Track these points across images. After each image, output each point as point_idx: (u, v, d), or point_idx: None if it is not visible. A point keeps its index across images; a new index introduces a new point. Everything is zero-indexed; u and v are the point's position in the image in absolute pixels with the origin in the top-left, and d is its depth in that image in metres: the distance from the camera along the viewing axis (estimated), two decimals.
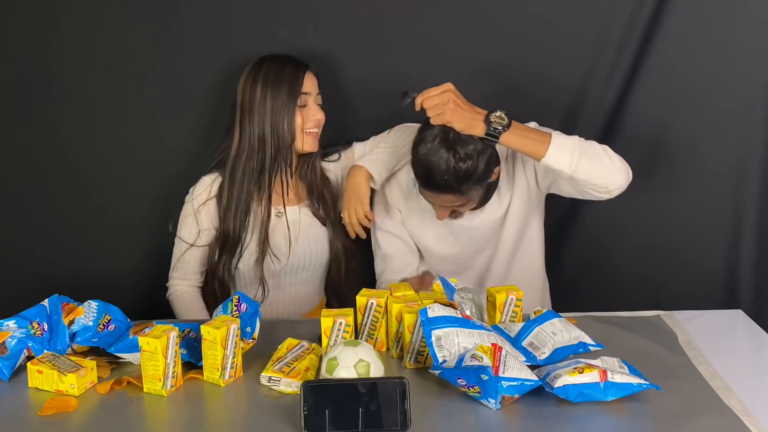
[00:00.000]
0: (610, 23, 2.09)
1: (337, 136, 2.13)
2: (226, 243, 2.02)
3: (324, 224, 2.09)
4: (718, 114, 2.14)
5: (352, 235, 2.04)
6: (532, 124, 2.00)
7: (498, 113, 1.77)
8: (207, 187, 2.02)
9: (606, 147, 1.83)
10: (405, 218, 2.10)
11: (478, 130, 1.77)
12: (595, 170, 1.78)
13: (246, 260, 2.04)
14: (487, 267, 2.09)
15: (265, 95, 1.95)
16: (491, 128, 1.76)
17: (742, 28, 2.09)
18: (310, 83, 1.99)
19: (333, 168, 2.13)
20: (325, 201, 2.09)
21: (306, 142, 2.00)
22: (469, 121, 1.76)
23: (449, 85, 1.77)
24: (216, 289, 2.08)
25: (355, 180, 2.02)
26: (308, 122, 1.98)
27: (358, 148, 2.13)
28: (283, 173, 2.00)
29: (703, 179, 2.19)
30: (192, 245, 2.04)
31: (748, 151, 2.16)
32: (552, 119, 2.16)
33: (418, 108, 1.77)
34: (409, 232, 2.11)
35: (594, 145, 1.82)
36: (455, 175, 1.78)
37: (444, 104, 1.75)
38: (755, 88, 2.11)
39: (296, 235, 2.05)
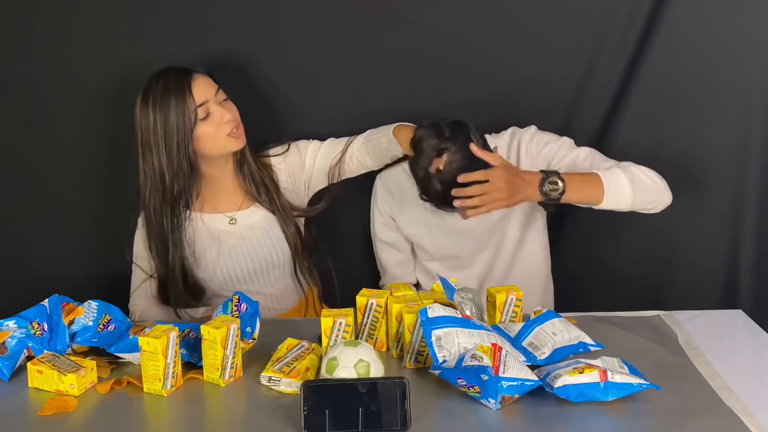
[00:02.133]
0: (609, 21, 2.09)
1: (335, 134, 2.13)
2: (167, 278, 1.99)
3: (281, 216, 2.04)
4: (717, 115, 2.14)
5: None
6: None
7: (550, 180, 1.77)
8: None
9: (644, 169, 1.86)
10: (400, 224, 2.09)
11: (535, 198, 1.79)
12: (649, 198, 1.86)
13: (207, 273, 2.02)
14: (488, 268, 2.09)
15: (156, 122, 1.85)
16: (548, 198, 1.78)
17: (741, 28, 2.09)
18: (203, 89, 1.87)
19: (281, 162, 2.07)
20: (270, 192, 2.03)
21: (231, 144, 1.92)
22: (520, 197, 1.78)
23: (493, 176, 1.74)
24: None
25: (408, 126, 1.94)
26: (224, 128, 1.89)
27: (312, 144, 2.08)
28: (191, 198, 1.95)
29: (702, 180, 2.19)
30: (152, 276, 2.01)
31: (748, 152, 2.15)
32: (551, 120, 2.17)
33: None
34: (406, 235, 2.11)
35: (637, 173, 1.84)
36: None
37: (484, 196, 1.75)
38: (755, 88, 2.11)
39: (257, 237, 2.03)
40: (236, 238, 2.02)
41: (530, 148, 1.99)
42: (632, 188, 1.82)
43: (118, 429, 1.42)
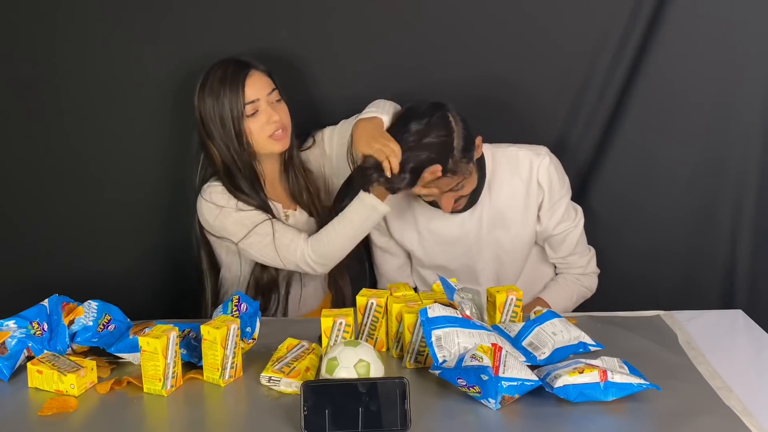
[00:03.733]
0: (609, 25, 2.10)
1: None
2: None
3: (318, 220, 2.05)
4: (717, 115, 2.14)
5: (392, 170, 1.75)
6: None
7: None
8: (225, 192, 1.93)
9: (594, 279, 2.10)
10: (392, 229, 2.08)
11: None
12: (583, 299, 2.11)
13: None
14: (480, 284, 2.07)
15: (213, 113, 1.90)
16: None
17: (740, 30, 2.09)
18: (257, 87, 1.90)
19: (312, 156, 2.09)
20: (312, 196, 2.05)
21: (271, 145, 1.94)
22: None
23: None
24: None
25: (368, 123, 1.86)
26: (266, 128, 1.91)
27: (328, 130, 2.08)
28: (260, 181, 1.96)
29: (702, 180, 2.19)
30: (273, 217, 1.94)
31: (747, 152, 2.16)
32: (553, 118, 2.17)
33: None
34: (397, 241, 2.10)
35: (584, 292, 2.09)
36: (437, 159, 1.76)
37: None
38: (754, 89, 2.11)
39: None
40: None
41: (541, 181, 1.97)
42: (572, 305, 2.08)
43: (118, 429, 1.42)
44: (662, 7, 2.05)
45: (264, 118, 1.91)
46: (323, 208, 2.07)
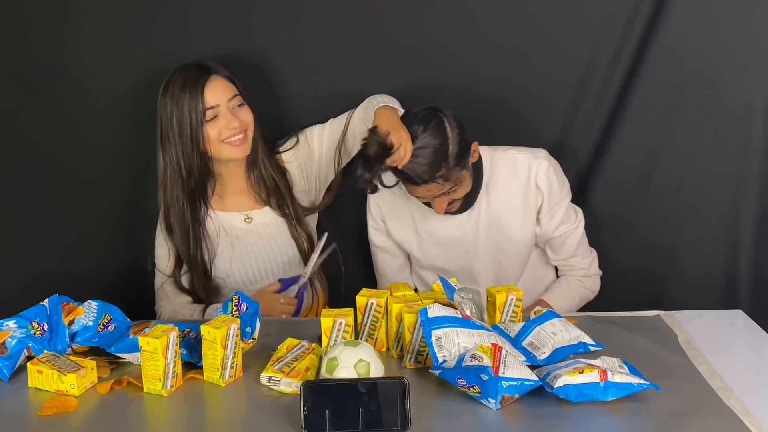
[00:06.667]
0: (609, 24, 2.09)
1: None
2: (189, 265, 2.02)
3: (291, 223, 2.05)
4: (718, 115, 2.14)
5: (402, 162, 1.75)
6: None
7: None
8: (160, 233, 2.03)
9: (595, 281, 2.10)
10: (390, 229, 2.08)
11: None
12: (585, 301, 2.11)
13: (221, 271, 2.04)
14: (474, 282, 2.07)
15: (172, 115, 1.89)
16: None
17: (740, 29, 2.09)
18: (217, 93, 1.90)
19: (292, 157, 2.08)
20: (283, 196, 2.05)
21: (228, 151, 1.93)
22: None
23: None
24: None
25: (392, 113, 1.85)
26: (224, 133, 1.91)
27: (317, 129, 2.08)
28: (208, 194, 1.99)
29: (702, 179, 2.19)
30: (170, 276, 2.02)
31: (747, 152, 2.15)
32: (552, 118, 2.17)
33: None
34: (396, 241, 2.10)
35: (586, 293, 2.08)
36: (430, 166, 1.76)
37: None
38: (755, 90, 2.11)
39: (272, 234, 2.04)
40: (252, 236, 2.04)
41: (539, 185, 1.96)
42: (575, 307, 2.07)
43: (118, 429, 1.42)
44: (661, 7, 2.05)
45: (223, 123, 1.91)
46: (304, 209, 2.07)
